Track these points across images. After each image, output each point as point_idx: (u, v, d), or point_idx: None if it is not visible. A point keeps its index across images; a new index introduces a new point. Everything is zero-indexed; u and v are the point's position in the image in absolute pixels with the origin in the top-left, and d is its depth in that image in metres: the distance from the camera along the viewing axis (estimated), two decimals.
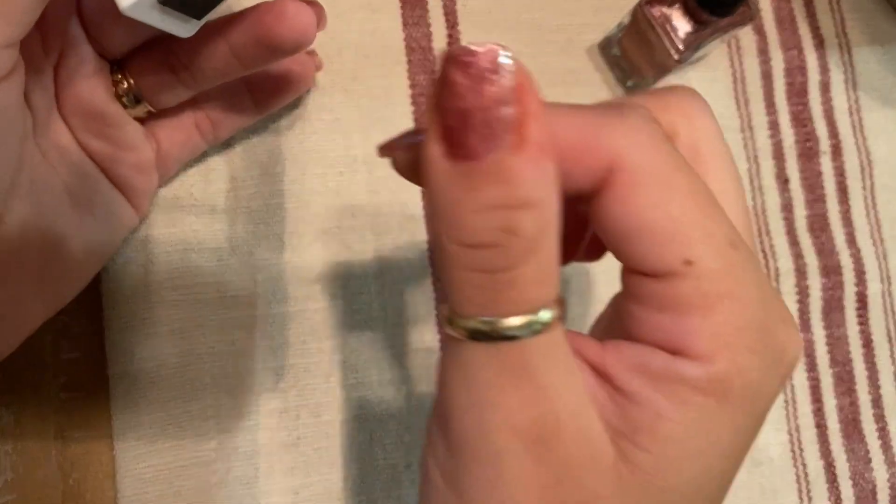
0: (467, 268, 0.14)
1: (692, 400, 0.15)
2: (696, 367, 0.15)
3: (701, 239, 0.15)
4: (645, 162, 0.15)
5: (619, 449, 0.15)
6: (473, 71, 0.13)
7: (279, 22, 0.22)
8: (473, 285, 0.14)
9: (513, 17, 0.33)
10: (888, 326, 0.35)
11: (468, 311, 0.14)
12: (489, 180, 0.13)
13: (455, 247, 0.14)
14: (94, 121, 0.24)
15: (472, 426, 0.15)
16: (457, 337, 0.15)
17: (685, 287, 0.15)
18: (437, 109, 0.14)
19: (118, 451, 0.28)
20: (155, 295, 0.28)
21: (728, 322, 0.15)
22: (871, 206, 0.35)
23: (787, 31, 0.35)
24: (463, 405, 0.15)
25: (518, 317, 0.14)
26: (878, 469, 0.33)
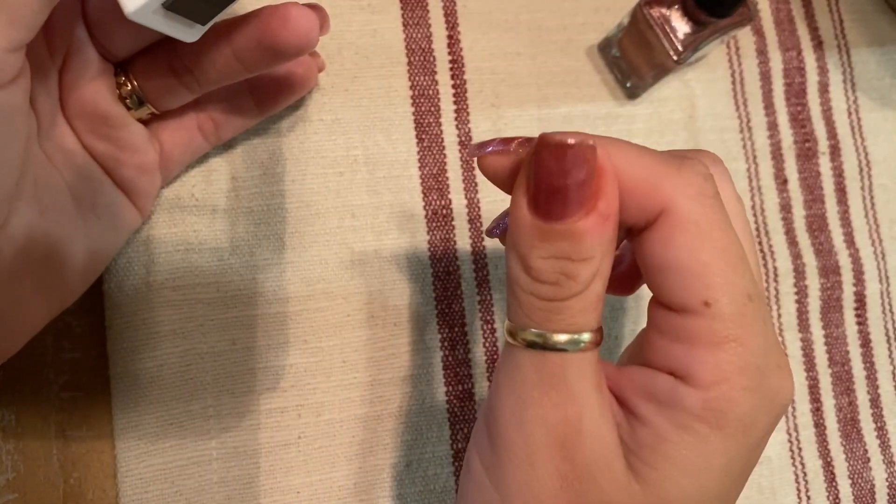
0: (531, 293, 0.18)
1: (690, 425, 0.17)
2: (695, 393, 0.17)
3: (721, 286, 0.17)
4: (690, 212, 0.18)
5: (629, 462, 0.18)
6: (568, 158, 0.17)
7: (282, 26, 0.22)
8: (532, 306, 0.18)
9: (513, 17, 0.33)
10: (886, 326, 0.35)
11: (524, 323, 0.18)
12: (560, 237, 0.17)
13: (525, 276, 0.18)
14: (97, 123, 0.24)
15: (514, 419, 0.18)
16: (515, 345, 0.18)
17: (700, 324, 0.18)
18: (529, 176, 0.17)
19: (119, 450, 0.28)
20: (156, 295, 0.28)
21: (730, 361, 0.17)
22: (869, 207, 0.35)
23: (785, 32, 0.35)
24: (507, 402, 0.18)
25: (564, 334, 0.17)
26: (876, 468, 0.34)
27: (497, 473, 0.18)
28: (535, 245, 0.17)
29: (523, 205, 0.18)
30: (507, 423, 0.18)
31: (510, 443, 0.18)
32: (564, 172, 0.17)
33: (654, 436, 0.17)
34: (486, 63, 0.32)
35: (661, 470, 0.17)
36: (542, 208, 0.17)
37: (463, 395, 0.31)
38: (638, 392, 0.18)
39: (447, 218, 0.31)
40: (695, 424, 0.17)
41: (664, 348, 0.18)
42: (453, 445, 0.30)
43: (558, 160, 0.17)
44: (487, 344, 0.31)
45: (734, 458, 0.18)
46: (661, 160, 0.18)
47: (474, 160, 0.32)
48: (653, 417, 0.18)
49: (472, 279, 0.31)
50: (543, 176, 0.17)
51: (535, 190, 0.17)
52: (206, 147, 0.28)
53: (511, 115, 0.32)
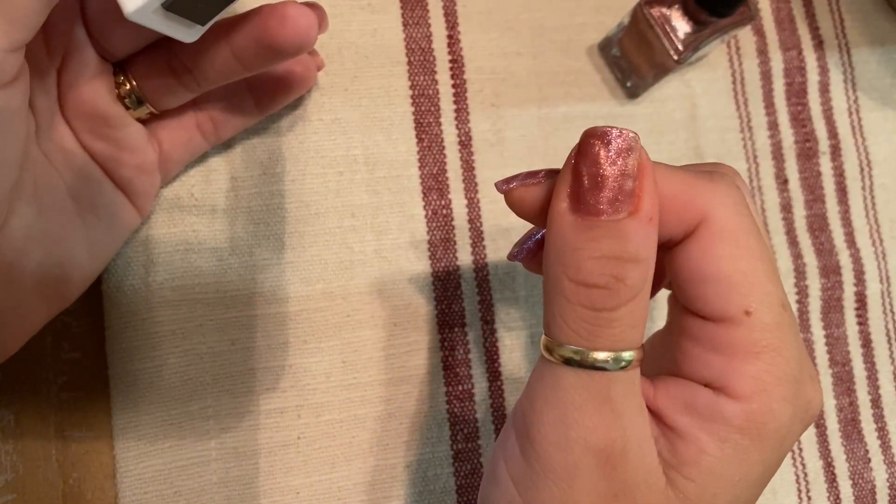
0: (578, 302, 0.17)
1: (730, 438, 0.17)
2: (736, 405, 0.17)
3: (761, 295, 0.18)
4: (728, 222, 0.18)
5: (669, 478, 0.17)
6: (614, 147, 0.17)
7: (281, 25, 0.22)
8: (579, 318, 0.17)
9: (513, 17, 0.33)
10: (887, 326, 0.35)
11: (569, 338, 0.17)
12: (608, 235, 0.17)
13: (571, 284, 0.17)
14: (96, 123, 0.24)
15: (554, 438, 0.17)
16: (553, 361, 0.18)
17: (739, 334, 0.18)
18: (573, 174, 0.17)
19: (118, 450, 0.28)
20: (155, 295, 0.28)
21: (769, 371, 0.17)
22: (870, 207, 0.35)
23: (786, 32, 0.35)
24: (547, 420, 0.18)
25: (606, 352, 0.17)
26: (877, 469, 0.34)
27: (531, 490, 0.18)
28: (581, 246, 0.17)
29: (565, 208, 0.17)
30: (546, 441, 0.18)
31: (549, 461, 0.18)
32: (611, 159, 0.17)
33: (695, 450, 0.17)
34: (486, 63, 0.32)
35: (701, 484, 0.17)
36: (588, 203, 0.17)
37: (463, 396, 0.30)
38: (677, 406, 0.18)
39: (447, 218, 0.31)
40: (736, 437, 0.17)
41: (700, 358, 0.18)
42: (453, 446, 0.30)
43: (605, 146, 0.17)
44: (487, 344, 0.31)
45: (767, 467, 0.18)
46: (692, 172, 0.19)
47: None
48: (693, 432, 0.18)
49: (472, 279, 0.31)
50: (589, 166, 0.17)
51: (578, 186, 0.17)
52: (205, 147, 0.28)
53: (511, 115, 0.32)
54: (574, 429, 0.17)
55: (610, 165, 0.17)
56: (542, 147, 0.32)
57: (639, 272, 0.17)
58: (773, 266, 0.18)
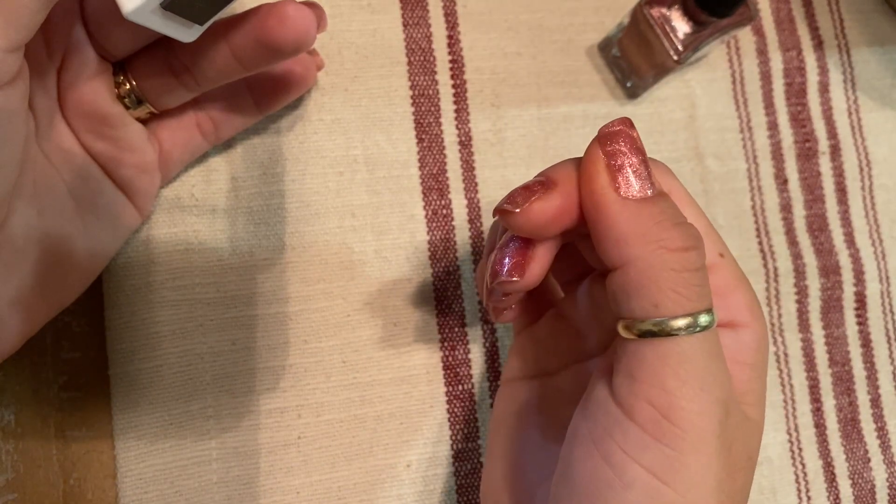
0: (684, 269, 0.18)
1: (755, 362, 0.20)
2: (749, 334, 0.20)
3: (718, 239, 0.20)
4: (680, 188, 0.21)
5: (742, 410, 0.19)
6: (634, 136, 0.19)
7: (280, 24, 0.22)
8: (690, 283, 0.18)
9: (513, 17, 0.33)
10: (887, 326, 0.35)
11: (684, 307, 0.18)
12: (666, 207, 0.18)
13: (674, 254, 0.18)
14: (96, 122, 0.24)
15: (698, 410, 0.18)
16: (633, 339, 0.18)
17: (723, 275, 0.20)
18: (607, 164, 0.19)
19: (119, 450, 0.28)
20: (156, 295, 0.28)
21: (750, 297, 0.20)
22: (869, 207, 0.35)
23: (786, 32, 0.35)
24: (689, 394, 0.18)
25: (683, 318, 0.18)
26: (876, 468, 0.34)
27: (677, 473, 0.17)
28: (658, 219, 0.18)
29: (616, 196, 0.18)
30: (690, 416, 0.18)
31: (698, 433, 0.18)
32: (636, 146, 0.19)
33: (742, 385, 0.20)
34: (486, 63, 0.32)
35: (753, 405, 0.20)
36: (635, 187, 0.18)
37: (463, 395, 0.30)
38: None
39: (447, 218, 0.31)
40: (757, 358, 0.20)
41: None
42: (453, 446, 0.30)
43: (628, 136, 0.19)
44: (487, 344, 0.31)
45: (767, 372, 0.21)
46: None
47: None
48: (735, 369, 0.20)
49: (472, 279, 0.31)
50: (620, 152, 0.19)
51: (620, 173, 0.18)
52: (205, 146, 0.28)
53: (511, 115, 0.32)
54: (711, 391, 0.18)
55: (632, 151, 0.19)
56: (542, 147, 0.32)
57: (698, 234, 0.19)
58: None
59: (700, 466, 0.18)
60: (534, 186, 0.20)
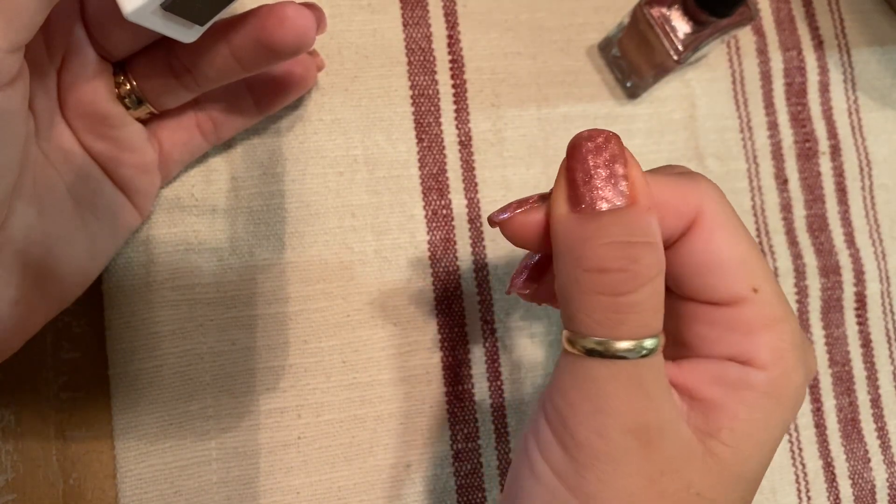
0: (597, 292, 0.18)
1: (758, 403, 0.19)
2: (761, 374, 0.19)
3: (763, 273, 0.19)
4: (721, 212, 0.19)
5: (707, 446, 0.19)
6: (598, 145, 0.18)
7: (279, 25, 0.22)
8: (601, 307, 0.18)
9: (513, 17, 0.33)
10: (887, 326, 0.35)
11: (593, 331, 0.18)
12: (614, 223, 0.17)
13: (587, 274, 0.18)
14: (96, 122, 0.24)
15: (595, 430, 0.18)
16: (577, 354, 0.18)
17: (752, 311, 0.19)
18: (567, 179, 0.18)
19: (118, 450, 0.28)
20: (155, 295, 0.28)
21: (784, 339, 0.19)
22: (870, 207, 0.35)
23: (786, 32, 0.35)
24: (585, 412, 0.18)
25: (628, 341, 0.17)
26: (876, 469, 0.34)
27: (577, 481, 0.18)
28: (590, 236, 0.18)
29: (566, 210, 0.18)
30: (587, 433, 0.18)
31: (592, 450, 0.18)
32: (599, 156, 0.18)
33: (728, 417, 0.19)
34: (486, 63, 0.32)
35: (735, 447, 0.19)
36: (586, 200, 0.18)
37: (463, 395, 0.30)
38: (706, 380, 0.19)
39: (447, 218, 0.31)
40: (762, 402, 0.19)
41: (718, 339, 0.19)
42: (453, 446, 0.30)
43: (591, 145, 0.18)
44: (487, 344, 0.31)
45: (786, 426, 0.20)
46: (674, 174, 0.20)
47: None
48: (725, 400, 0.19)
49: (472, 279, 0.31)
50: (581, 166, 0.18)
51: (574, 187, 0.18)
52: (205, 147, 0.28)
53: (511, 115, 0.32)
54: (612, 416, 0.18)
55: (598, 161, 0.18)
56: (542, 147, 0.32)
57: (652, 254, 0.18)
58: (758, 246, 0.20)
59: (599, 483, 0.18)
60: (530, 199, 0.20)
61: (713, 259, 0.19)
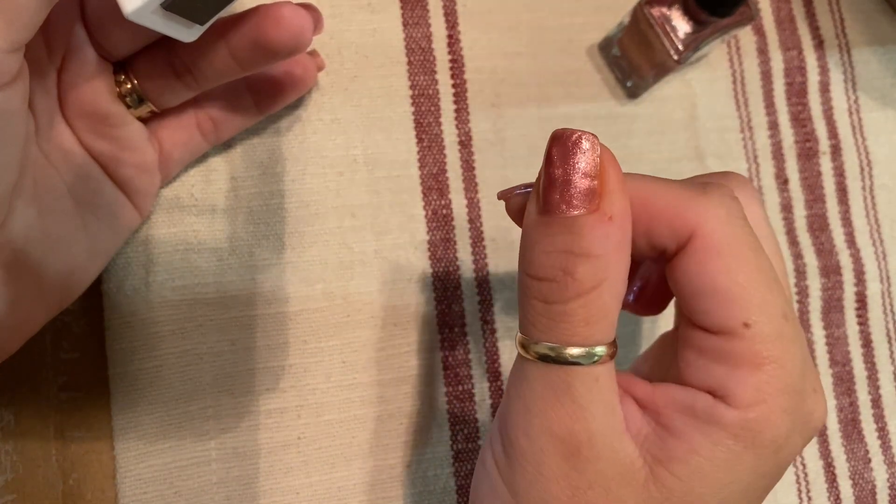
0: (533, 297, 0.18)
1: (723, 441, 0.17)
2: (734, 413, 0.17)
3: (759, 307, 0.18)
4: (721, 233, 0.18)
5: (654, 472, 0.18)
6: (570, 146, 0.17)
7: (276, 26, 0.22)
8: (536, 312, 0.18)
9: (513, 17, 0.33)
10: (888, 326, 0.35)
11: (533, 334, 0.18)
12: (561, 230, 0.17)
13: (526, 278, 0.18)
14: (97, 122, 0.24)
15: (522, 428, 0.18)
16: (527, 357, 0.18)
17: (740, 346, 0.18)
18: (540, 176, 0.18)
19: (118, 450, 0.28)
20: (155, 295, 0.28)
21: (770, 383, 0.17)
22: (870, 207, 0.35)
23: (786, 32, 0.35)
24: (516, 410, 0.18)
25: (577, 348, 0.17)
26: (877, 469, 0.33)
27: (511, 478, 0.19)
28: (538, 240, 0.18)
29: (532, 206, 0.18)
30: (517, 431, 0.18)
31: (521, 451, 0.18)
32: (567, 158, 0.17)
33: (686, 448, 0.18)
34: (487, 63, 0.32)
35: (688, 482, 0.17)
36: (548, 202, 0.17)
37: (463, 396, 0.30)
38: (675, 407, 0.18)
39: (447, 218, 0.31)
40: (729, 442, 0.17)
41: (703, 367, 0.18)
42: (453, 446, 0.30)
43: (561, 148, 0.17)
44: (487, 344, 0.31)
45: (761, 475, 0.18)
46: (686, 185, 0.19)
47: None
48: (688, 431, 0.18)
49: (472, 279, 0.31)
50: (548, 166, 0.18)
51: (543, 186, 0.18)
52: (205, 147, 0.28)
53: (511, 115, 0.32)
54: (538, 418, 0.18)
55: (566, 164, 0.17)
56: (542, 147, 0.32)
57: (589, 268, 0.17)
58: (774, 276, 0.18)
59: (525, 482, 0.18)
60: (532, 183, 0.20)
61: (704, 285, 0.18)
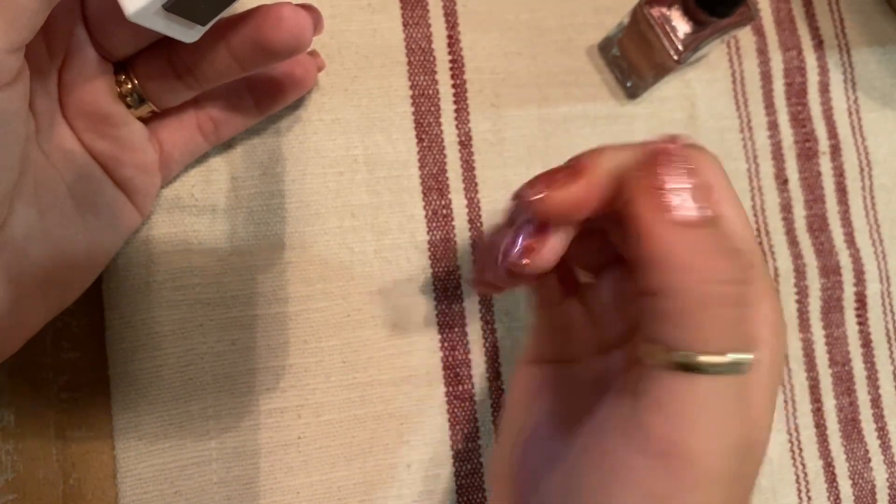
0: (726, 305, 0.17)
1: (766, 384, 0.19)
2: (766, 354, 0.18)
3: (756, 250, 0.19)
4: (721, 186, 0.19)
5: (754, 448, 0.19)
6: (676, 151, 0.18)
7: (275, 26, 0.22)
8: (730, 321, 0.17)
9: (513, 17, 0.33)
10: (887, 326, 0.35)
11: (720, 347, 0.17)
12: (719, 230, 0.17)
13: (711, 286, 0.17)
14: (98, 122, 0.24)
15: (713, 448, 0.17)
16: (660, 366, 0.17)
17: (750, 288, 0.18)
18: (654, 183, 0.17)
19: (118, 450, 0.28)
20: (155, 295, 0.28)
21: (774, 311, 0.19)
22: (870, 207, 0.35)
23: (786, 32, 0.35)
24: (702, 431, 0.17)
25: (715, 356, 0.17)
26: (877, 469, 0.34)
27: (672, 498, 0.17)
28: (706, 248, 0.17)
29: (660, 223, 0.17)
30: (698, 453, 0.17)
31: (708, 471, 0.17)
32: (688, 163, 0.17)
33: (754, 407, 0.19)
34: (486, 63, 0.32)
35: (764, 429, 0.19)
36: (684, 208, 0.17)
37: (463, 396, 0.30)
38: None
39: (447, 218, 0.31)
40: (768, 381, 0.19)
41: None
42: (453, 446, 0.30)
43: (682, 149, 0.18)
44: (487, 344, 0.31)
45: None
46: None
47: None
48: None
49: (473, 279, 0.31)
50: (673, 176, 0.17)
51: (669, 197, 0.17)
52: (205, 147, 0.28)
53: (511, 115, 0.32)
54: (727, 436, 0.17)
55: (691, 173, 0.17)
56: (542, 147, 0.32)
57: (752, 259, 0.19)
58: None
59: (713, 498, 0.17)
60: (557, 174, 0.19)
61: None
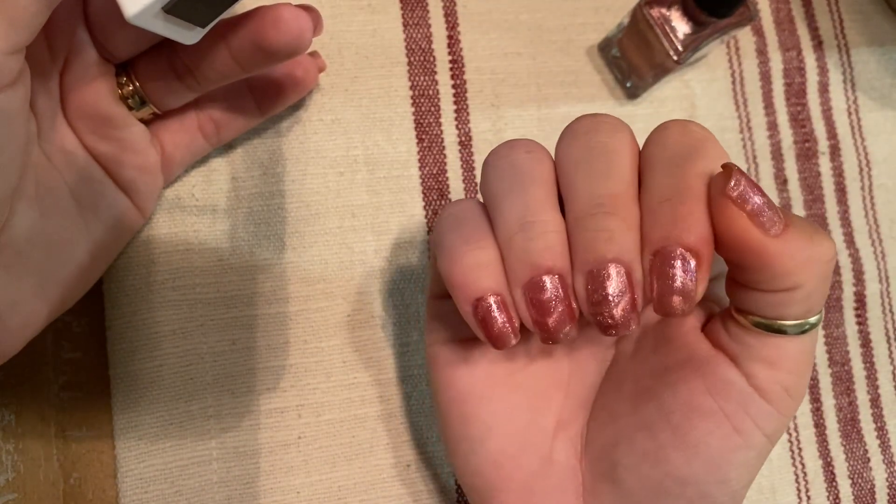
0: (829, 278, 0.20)
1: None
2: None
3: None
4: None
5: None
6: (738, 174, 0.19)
7: (275, 27, 0.22)
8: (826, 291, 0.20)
9: (513, 17, 0.33)
10: (886, 326, 0.35)
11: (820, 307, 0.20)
12: (801, 222, 0.19)
13: (823, 265, 0.19)
14: (99, 123, 0.24)
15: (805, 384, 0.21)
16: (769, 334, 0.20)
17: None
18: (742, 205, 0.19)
19: (119, 450, 0.28)
20: (156, 295, 0.28)
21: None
22: (869, 207, 0.35)
23: (785, 32, 0.35)
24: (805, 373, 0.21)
25: (815, 316, 0.20)
26: (876, 468, 0.34)
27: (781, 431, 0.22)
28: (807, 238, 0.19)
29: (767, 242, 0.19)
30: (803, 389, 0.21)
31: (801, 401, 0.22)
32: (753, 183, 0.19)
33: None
34: (486, 63, 0.32)
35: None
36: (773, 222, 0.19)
37: None
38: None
39: None
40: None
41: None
42: None
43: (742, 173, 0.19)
44: None
45: None
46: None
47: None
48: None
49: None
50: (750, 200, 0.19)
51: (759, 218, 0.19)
52: (206, 148, 0.28)
53: (511, 115, 0.32)
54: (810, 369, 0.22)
55: (759, 191, 0.19)
56: None
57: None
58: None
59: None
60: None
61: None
